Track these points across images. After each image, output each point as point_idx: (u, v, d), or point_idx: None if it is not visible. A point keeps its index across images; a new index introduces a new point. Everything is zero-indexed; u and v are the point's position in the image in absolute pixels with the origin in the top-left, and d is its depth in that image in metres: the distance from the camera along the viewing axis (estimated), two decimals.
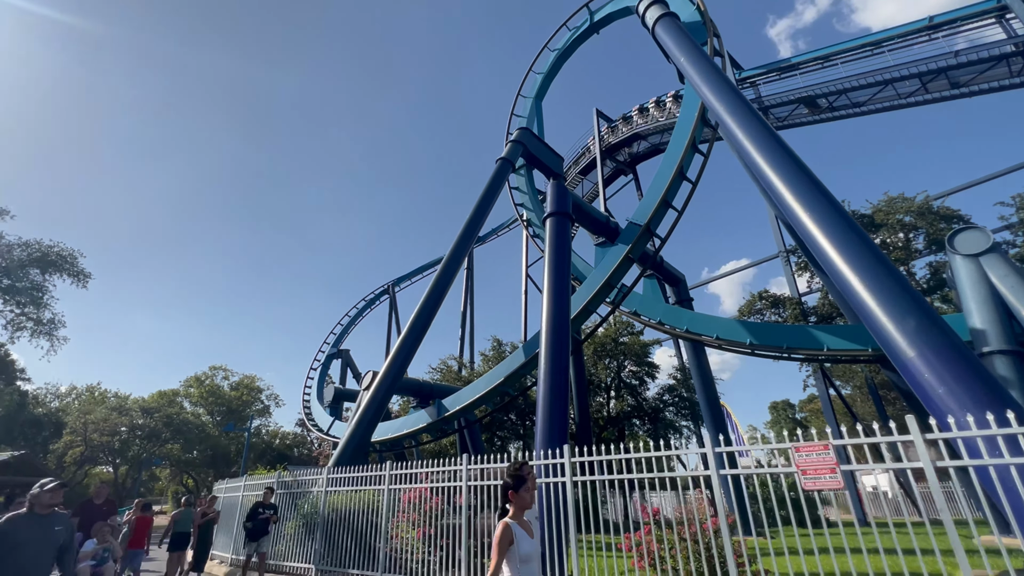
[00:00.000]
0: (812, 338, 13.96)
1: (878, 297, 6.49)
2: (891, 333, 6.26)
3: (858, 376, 32.59)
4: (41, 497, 3.93)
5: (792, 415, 55.10)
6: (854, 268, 6.89)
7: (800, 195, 8.11)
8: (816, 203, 7.84)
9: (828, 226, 7.43)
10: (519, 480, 3.20)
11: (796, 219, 8.13)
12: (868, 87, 25.94)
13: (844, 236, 7.22)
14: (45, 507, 3.93)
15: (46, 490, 3.94)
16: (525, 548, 2.99)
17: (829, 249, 7.35)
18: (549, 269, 12.48)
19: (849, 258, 6.99)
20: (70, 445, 30.44)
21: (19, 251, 15.11)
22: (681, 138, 14.78)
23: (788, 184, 8.40)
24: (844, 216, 7.58)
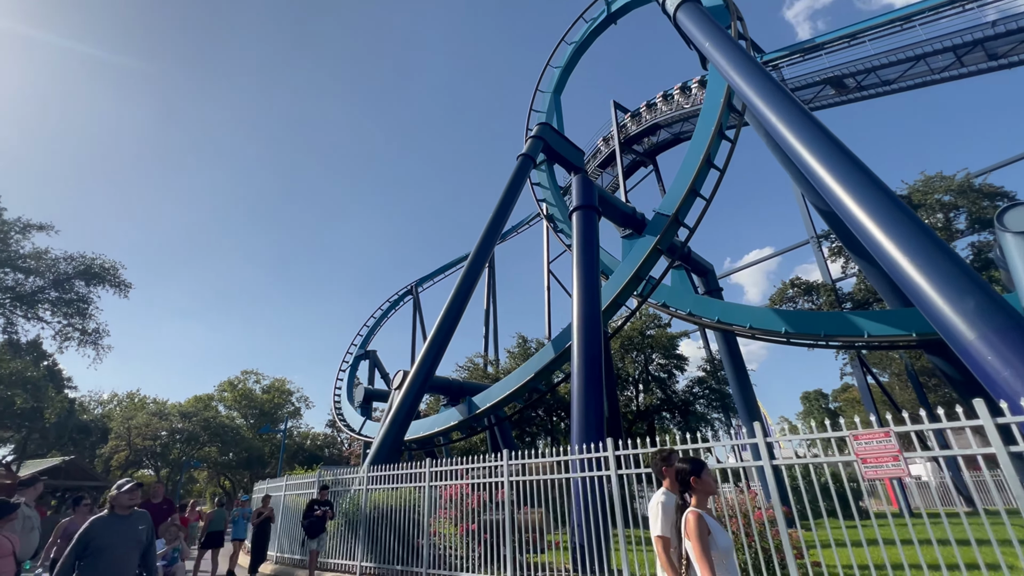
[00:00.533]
0: (851, 324, 13.55)
1: (933, 278, 6.24)
2: (948, 316, 6.02)
3: (896, 363, 31.59)
4: (120, 498, 4.02)
5: (825, 405, 53.71)
6: (905, 249, 6.64)
7: (841, 175, 7.84)
8: (859, 183, 7.58)
9: (874, 206, 7.17)
10: (698, 464, 2.94)
11: (837, 201, 7.86)
12: (899, 63, 25.02)
13: (892, 216, 6.95)
14: (125, 508, 4.00)
15: (124, 491, 4.02)
16: (723, 541, 2.68)
17: (875, 230, 7.08)
18: (578, 262, 12.39)
19: (898, 239, 6.73)
20: (116, 449, 31.69)
21: (64, 264, 15.80)
22: (707, 124, 14.49)
23: (827, 164, 8.13)
24: (890, 195, 7.30)
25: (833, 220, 16.17)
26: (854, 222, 7.49)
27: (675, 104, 35.53)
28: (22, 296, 15.14)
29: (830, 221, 16.33)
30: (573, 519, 8.05)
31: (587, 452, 7.01)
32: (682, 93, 35.49)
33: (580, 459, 7.11)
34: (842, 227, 16.10)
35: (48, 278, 15.49)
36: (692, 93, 34.90)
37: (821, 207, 16.30)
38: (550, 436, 26.41)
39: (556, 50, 24.34)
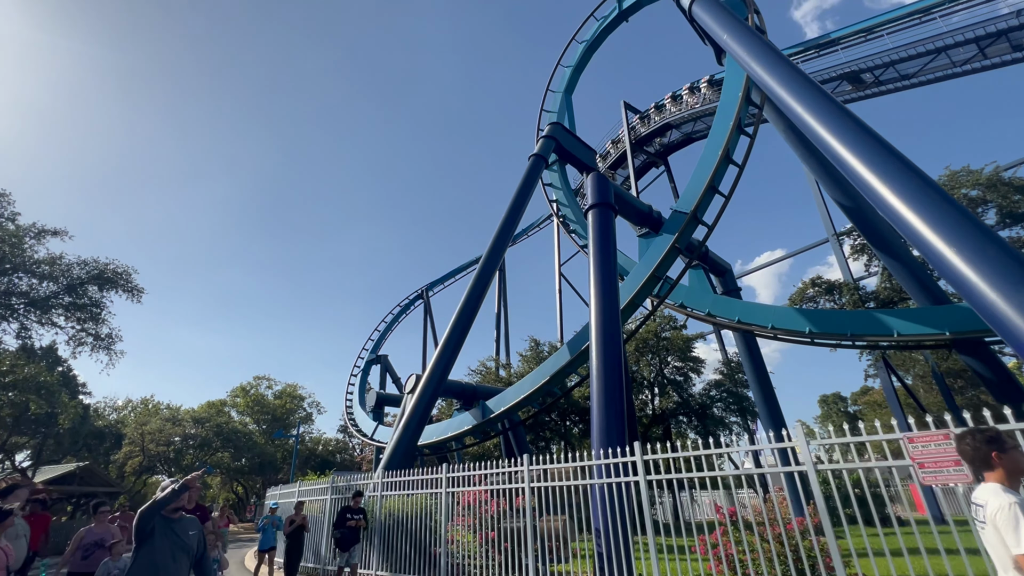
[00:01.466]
0: (879, 323, 13.04)
1: (983, 270, 5.83)
2: (1004, 311, 5.61)
3: (920, 365, 30.71)
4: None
5: (843, 408, 52.53)
6: (950, 240, 6.23)
7: (877, 164, 7.45)
8: (897, 171, 7.19)
9: (914, 195, 6.77)
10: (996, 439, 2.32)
11: (873, 191, 7.46)
12: (919, 57, 24.42)
13: (935, 205, 6.55)
14: (171, 511, 3.68)
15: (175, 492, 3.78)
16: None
17: (917, 221, 6.67)
18: (595, 262, 12.07)
19: (943, 229, 6.32)
20: (130, 455, 31.80)
21: (78, 269, 15.82)
22: (725, 119, 14.11)
23: (862, 153, 7.74)
24: (930, 183, 6.90)
25: (857, 216, 15.69)
26: (893, 213, 7.08)
27: (685, 104, 35.16)
28: (36, 301, 15.17)
29: (854, 217, 15.84)
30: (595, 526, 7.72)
31: (613, 457, 6.68)
32: (691, 93, 35.11)
33: (605, 464, 6.78)
34: (867, 223, 15.61)
35: (62, 283, 15.50)
36: (702, 93, 34.52)
37: (845, 203, 15.81)
38: (564, 441, 25.97)
39: (567, 49, 24.13)
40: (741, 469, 5.58)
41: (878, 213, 16.95)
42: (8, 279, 14.88)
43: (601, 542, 7.42)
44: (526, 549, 7.34)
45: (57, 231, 15.71)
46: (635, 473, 6.39)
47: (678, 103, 35.26)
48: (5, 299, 14.73)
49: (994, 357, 13.75)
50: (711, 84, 32.49)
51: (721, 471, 5.62)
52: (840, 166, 8.31)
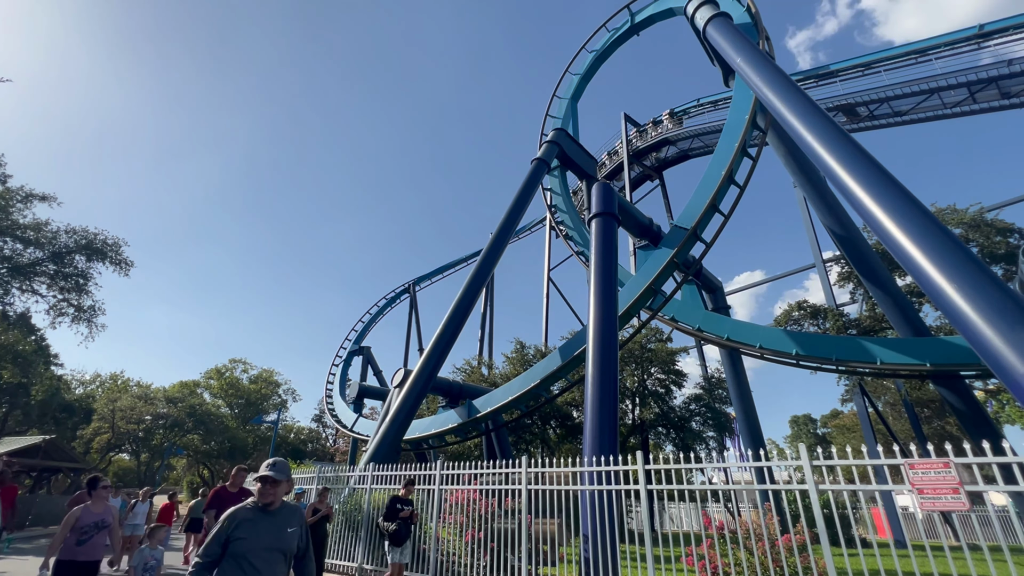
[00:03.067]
0: (864, 350, 13.45)
1: (981, 308, 6.09)
2: (998, 347, 5.86)
3: (890, 392, 31.69)
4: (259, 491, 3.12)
5: (813, 430, 53.94)
6: (952, 277, 6.48)
7: (881, 196, 7.70)
8: (901, 204, 7.44)
9: (916, 229, 7.02)
10: None
11: (876, 222, 7.69)
12: (912, 95, 25.27)
13: (936, 240, 6.81)
14: (265, 496, 3.07)
15: (257, 477, 3.16)
16: None
17: (918, 254, 6.93)
18: (596, 270, 12.20)
19: (945, 265, 6.58)
20: (98, 431, 30.85)
21: (65, 237, 15.31)
22: (731, 140, 14.40)
23: (867, 184, 7.98)
24: (932, 219, 7.17)
25: (848, 244, 16.16)
26: (894, 244, 7.33)
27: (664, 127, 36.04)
28: (19, 267, 14.62)
29: (845, 245, 16.30)
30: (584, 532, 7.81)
31: (613, 465, 6.77)
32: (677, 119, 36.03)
33: (606, 471, 6.87)
34: (856, 252, 16.09)
35: (47, 250, 14.99)
36: (701, 112, 35.28)
37: (837, 231, 16.27)
38: (545, 445, 26.08)
39: (576, 57, 24.31)
40: (743, 485, 5.71)
41: (868, 243, 17.55)
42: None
43: (588, 547, 7.53)
44: (519, 550, 7.39)
45: (45, 196, 15.16)
46: (636, 482, 6.49)
47: (675, 121, 35.90)
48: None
49: (967, 390, 14.31)
50: (713, 104, 33.21)
51: (712, 485, 5.73)
52: (844, 193, 8.56)
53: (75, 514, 4.99)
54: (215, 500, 6.87)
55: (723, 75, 18.54)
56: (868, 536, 17.43)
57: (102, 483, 5.38)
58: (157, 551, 5.75)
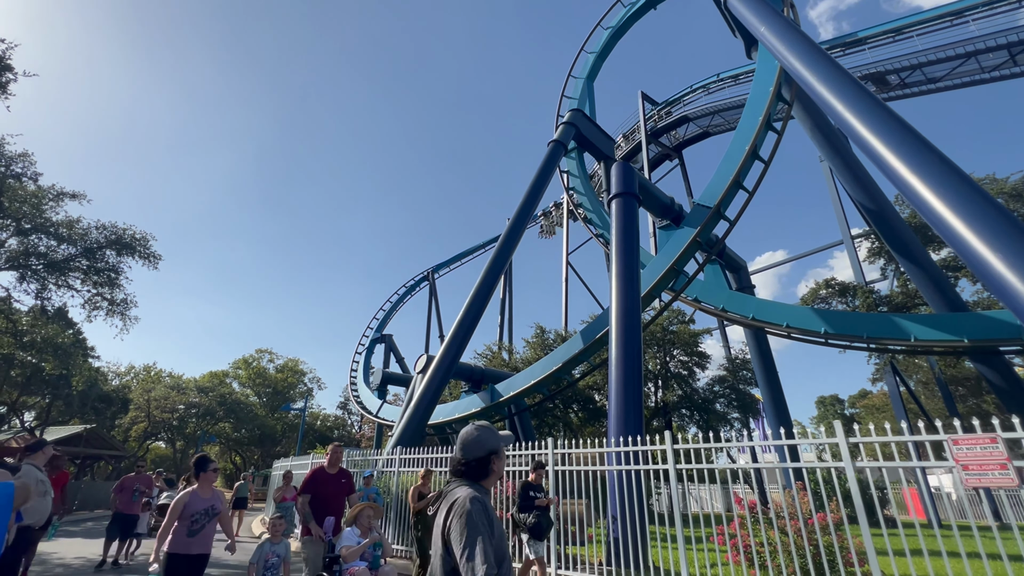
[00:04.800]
0: (897, 327, 13.03)
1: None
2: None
3: (923, 371, 30.84)
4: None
5: (841, 410, 52.93)
6: (995, 246, 6.17)
7: (920, 164, 7.35)
8: (942, 173, 7.10)
9: (961, 199, 6.69)
10: None
11: (914, 193, 7.36)
12: (947, 60, 24.06)
13: (981, 210, 6.49)
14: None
15: None
16: None
17: (959, 224, 6.61)
18: (618, 251, 12.03)
19: (989, 234, 6.26)
20: (135, 420, 32.15)
21: (96, 233, 15.80)
22: (755, 114, 13.94)
23: (904, 153, 7.63)
24: (976, 188, 6.83)
25: (879, 219, 15.61)
26: (934, 216, 7.00)
27: (703, 99, 34.91)
28: (54, 263, 15.15)
29: (875, 220, 15.75)
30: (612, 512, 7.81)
31: (641, 444, 6.72)
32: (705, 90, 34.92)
33: (633, 451, 6.83)
34: (888, 226, 15.53)
35: (79, 246, 15.50)
36: (721, 88, 34.19)
37: (867, 205, 15.71)
38: (568, 429, 26.18)
39: (591, 35, 23.76)
40: (775, 463, 5.61)
41: (900, 217, 16.91)
42: (28, 239, 14.90)
43: (616, 528, 7.54)
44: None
45: (75, 194, 15.64)
46: (664, 461, 6.43)
47: (696, 97, 34.91)
48: (24, 259, 14.74)
49: (1007, 366, 13.80)
50: (734, 79, 32.13)
51: (765, 464, 5.63)
52: (878, 164, 8.20)
53: (183, 500, 4.32)
54: (312, 483, 5.74)
55: (745, 47, 17.91)
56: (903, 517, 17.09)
57: (211, 464, 4.63)
58: (280, 545, 4.92)
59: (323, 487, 5.67)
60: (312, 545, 5.40)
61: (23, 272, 14.78)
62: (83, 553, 10.38)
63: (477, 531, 1.62)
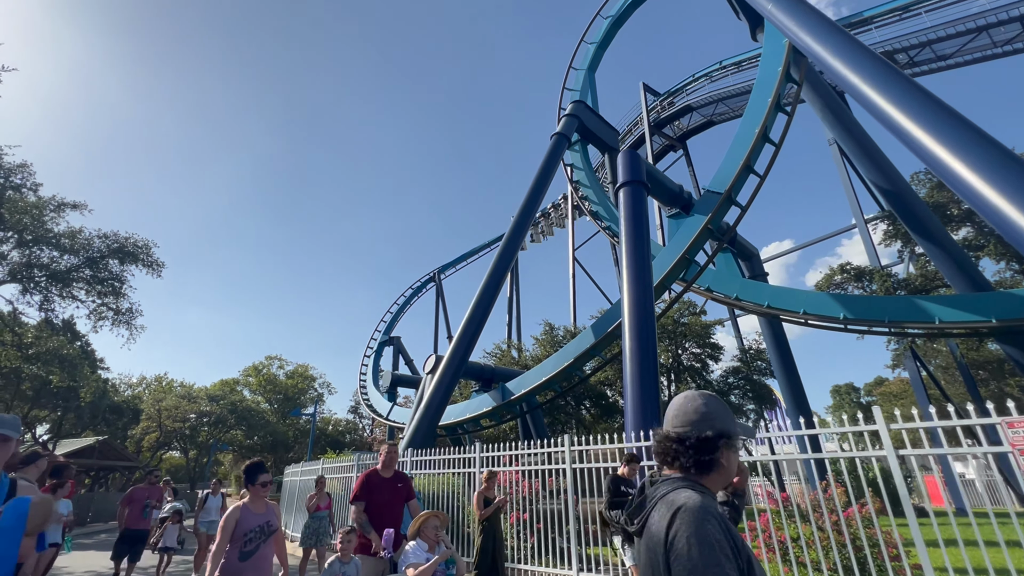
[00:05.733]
0: (920, 310, 12.58)
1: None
2: None
3: (942, 355, 30.20)
4: None
5: (857, 399, 52.15)
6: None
7: (952, 137, 6.94)
8: (972, 143, 6.70)
9: (996, 168, 6.30)
10: None
11: (945, 168, 6.96)
12: (958, 36, 23.46)
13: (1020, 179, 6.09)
14: None
15: None
16: None
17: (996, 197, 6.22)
18: (628, 241, 11.69)
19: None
20: (147, 431, 32.22)
21: (98, 242, 15.71)
22: (763, 95, 13.53)
23: (930, 124, 7.23)
24: (1014, 157, 6.43)
25: (896, 199, 15.13)
26: (968, 189, 6.60)
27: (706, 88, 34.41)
28: (57, 274, 15.07)
29: (892, 200, 15.28)
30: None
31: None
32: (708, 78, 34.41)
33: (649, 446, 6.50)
34: (906, 206, 15.05)
35: (82, 256, 15.42)
36: (724, 76, 33.66)
37: (883, 186, 15.25)
38: (580, 426, 25.84)
39: (591, 25, 23.38)
40: (810, 453, 5.28)
41: (918, 196, 16.42)
42: (30, 251, 14.82)
43: None
44: (566, 530, 7.13)
45: (76, 204, 15.55)
46: None
47: (700, 86, 34.42)
48: (27, 271, 14.67)
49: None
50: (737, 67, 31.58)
51: (799, 453, 5.29)
52: (903, 139, 7.80)
53: (233, 516, 3.59)
54: (365, 489, 4.83)
55: (750, 28, 17.50)
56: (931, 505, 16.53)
57: (262, 476, 3.73)
58: (350, 566, 4.28)
59: (377, 493, 4.76)
60: (371, 565, 4.51)
61: (26, 284, 14.72)
62: (94, 567, 10.23)
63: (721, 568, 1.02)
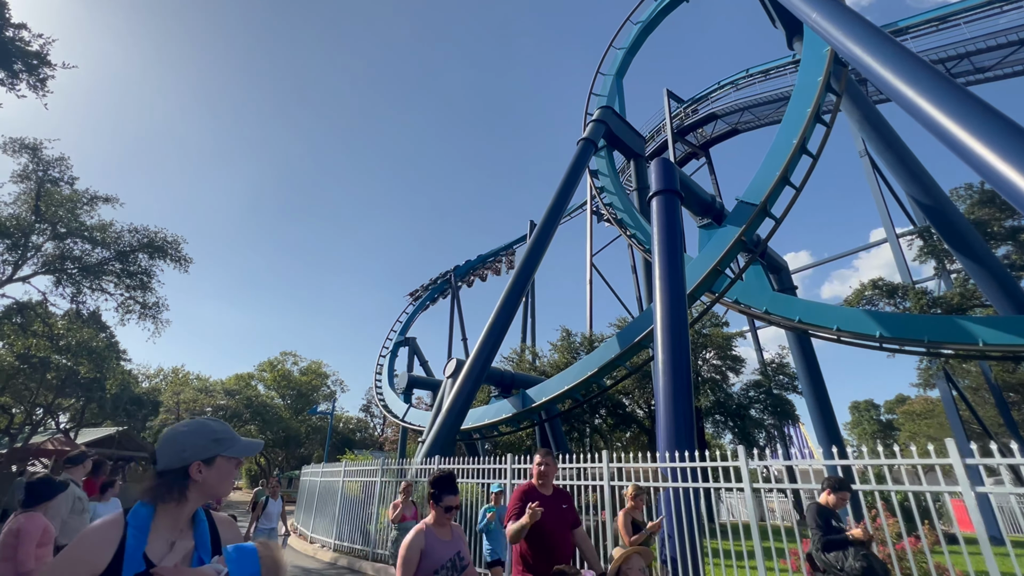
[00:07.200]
0: (962, 330, 12.13)
1: None
2: None
3: (971, 376, 29.31)
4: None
5: (876, 416, 51.01)
6: None
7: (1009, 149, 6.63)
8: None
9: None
10: None
11: (1007, 183, 6.65)
12: (998, 48, 22.82)
13: None
14: None
15: None
16: None
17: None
18: (661, 251, 11.44)
19: None
20: (165, 423, 32.60)
21: (128, 236, 15.93)
22: (803, 106, 13.22)
23: (994, 139, 6.91)
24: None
25: (936, 214, 14.69)
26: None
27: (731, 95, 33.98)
28: (89, 267, 15.31)
29: (932, 215, 14.85)
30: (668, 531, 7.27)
31: (711, 461, 6.17)
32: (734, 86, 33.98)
33: (700, 467, 6.27)
34: (946, 221, 14.59)
35: (113, 250, 15.64)
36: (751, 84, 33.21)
37: (922, 200, 14.81)
38: (597, 434, 25.54)
39: (620, 30, 23.21)
40: (873, 485, 5.01)
41: (958, 211, 15.92)
42: (63, 243, 15.08)
43: (666, 548, 7.04)
44: (603, 545, 6.93)
45: (109, 198, 15.79)
46: (739, 480, 5.86)
47: (725, 93, 34.00)
48: (60, 263, 14.91)
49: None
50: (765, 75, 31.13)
51: (862, 484, 5.01)
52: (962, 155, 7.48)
53: (417, 545, 2.86)
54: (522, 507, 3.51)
55: (787, 36, 17.17)
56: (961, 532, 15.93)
57: (449, 498, 3.01)
58: None
59: (542, 517, 3.48)
60: None
61: (59, 276, 14.96)
62: None
63: None
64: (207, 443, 1.57)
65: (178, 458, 1.51)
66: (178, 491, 1.50)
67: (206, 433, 1.59)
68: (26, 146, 14.68)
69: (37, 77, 11.75)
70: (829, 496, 4.78)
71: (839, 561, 3.98)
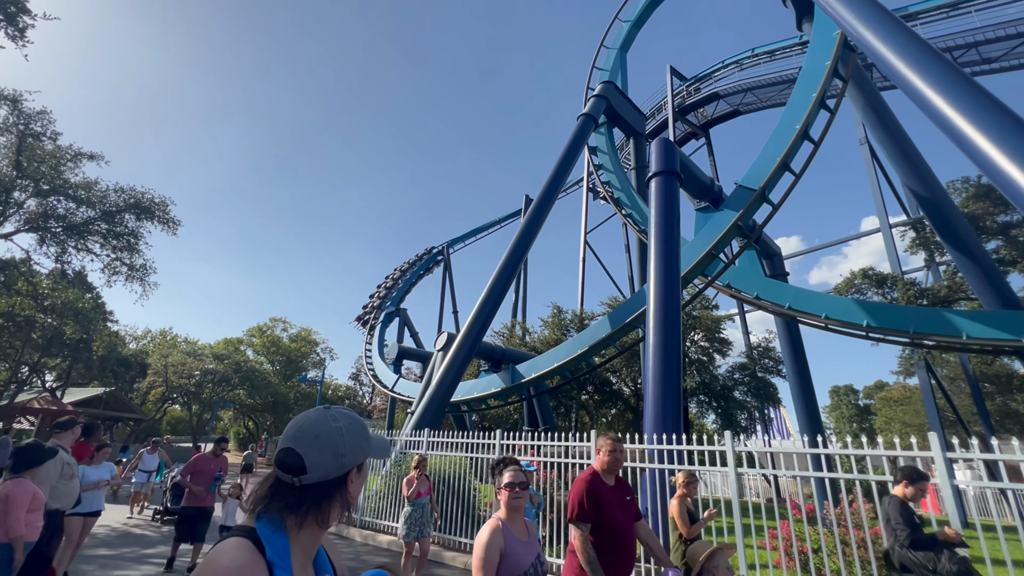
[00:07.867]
0: (947, 323, 12.34)
1: None
2: None
3: (949, 366, 30.05)
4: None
5: (855, 400, 52.46)
6: None
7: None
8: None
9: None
10: None
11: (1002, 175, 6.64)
12: (1007, 39, 22.53)
13: None
14: None
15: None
16: None
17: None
18: (657, 234, 11.39)
19: None
20: (152, 385, 32.64)
21: (115, 196, 15.49)
22: (807, 91, 13.02)
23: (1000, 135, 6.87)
24: None
25: (931, 206, 14.74)
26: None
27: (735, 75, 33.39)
28: (74, 226, 14.92)
29: (927, 207, 14.90)
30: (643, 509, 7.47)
31: (702, 444, 6.29)
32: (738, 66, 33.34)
33: (690, 450, 6.40)
34: (941, 214, 14.66)
35: (98, 209, 15.22)
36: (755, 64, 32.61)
37: (919, 192, 14.83)
38: (584, 410, 25.97)
39: (626, 3, 22.51)
40: (855, 474, 5.14)
41: (953, 203, 15.99)
42: (47, 201, 14.64)
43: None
44: None
45: (93, 155, 15.23)
46: (724, 464, 6.00)
47: (728, 74, 33.40)
48: (44, 222, 14.51)
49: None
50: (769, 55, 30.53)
51: (843, 473, 5.14)
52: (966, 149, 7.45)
53: (496, 544, 2.44)
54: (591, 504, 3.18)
55: (796, 18, 16.79)
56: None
57: (511, 473, 2.66)
58: None
59: (608, 510, 3.20)
60: None
61: (43, 235, 14.56)
62: (106, 520, 10.31)
63: None
64: (362, 442, 1.17)
65: (338, 464, 1.11)
66: (328, 508, 1.11)
67: (360, 429, 1.19)
68: (4, 97, 14.05)
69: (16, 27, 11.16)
70: (907, 488, 4.37)
71: (931, 561, 3.84)
